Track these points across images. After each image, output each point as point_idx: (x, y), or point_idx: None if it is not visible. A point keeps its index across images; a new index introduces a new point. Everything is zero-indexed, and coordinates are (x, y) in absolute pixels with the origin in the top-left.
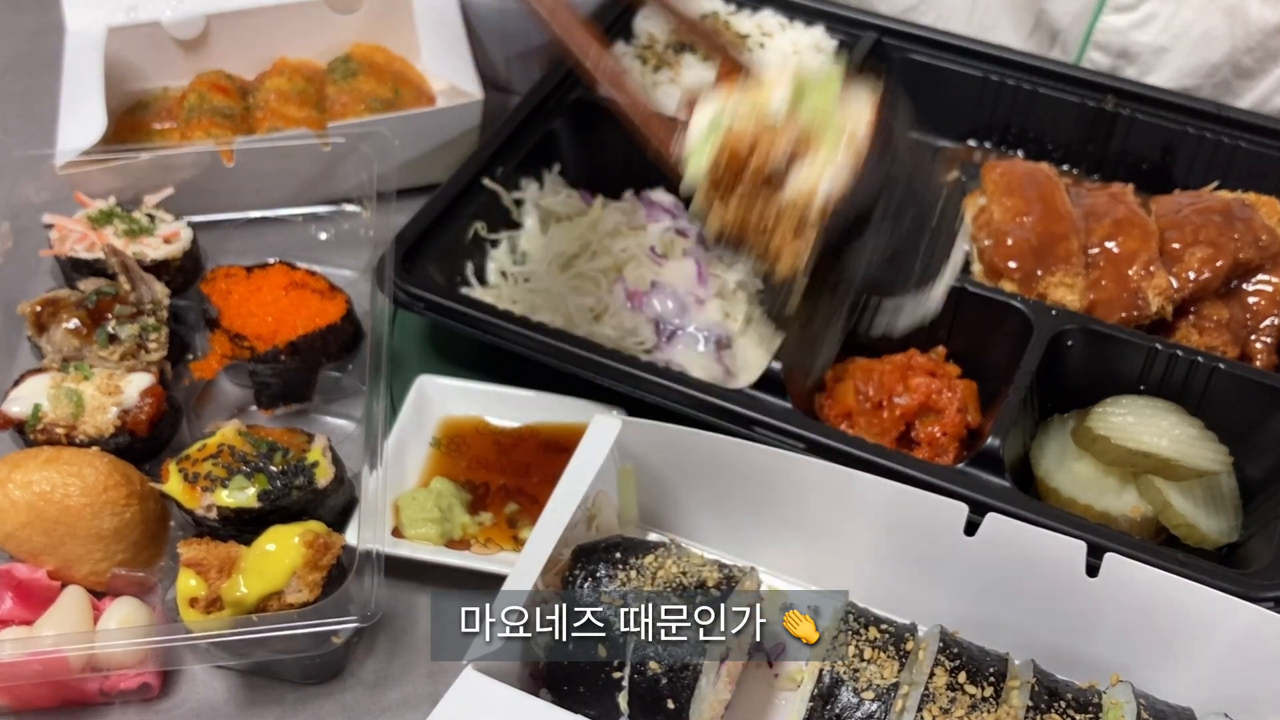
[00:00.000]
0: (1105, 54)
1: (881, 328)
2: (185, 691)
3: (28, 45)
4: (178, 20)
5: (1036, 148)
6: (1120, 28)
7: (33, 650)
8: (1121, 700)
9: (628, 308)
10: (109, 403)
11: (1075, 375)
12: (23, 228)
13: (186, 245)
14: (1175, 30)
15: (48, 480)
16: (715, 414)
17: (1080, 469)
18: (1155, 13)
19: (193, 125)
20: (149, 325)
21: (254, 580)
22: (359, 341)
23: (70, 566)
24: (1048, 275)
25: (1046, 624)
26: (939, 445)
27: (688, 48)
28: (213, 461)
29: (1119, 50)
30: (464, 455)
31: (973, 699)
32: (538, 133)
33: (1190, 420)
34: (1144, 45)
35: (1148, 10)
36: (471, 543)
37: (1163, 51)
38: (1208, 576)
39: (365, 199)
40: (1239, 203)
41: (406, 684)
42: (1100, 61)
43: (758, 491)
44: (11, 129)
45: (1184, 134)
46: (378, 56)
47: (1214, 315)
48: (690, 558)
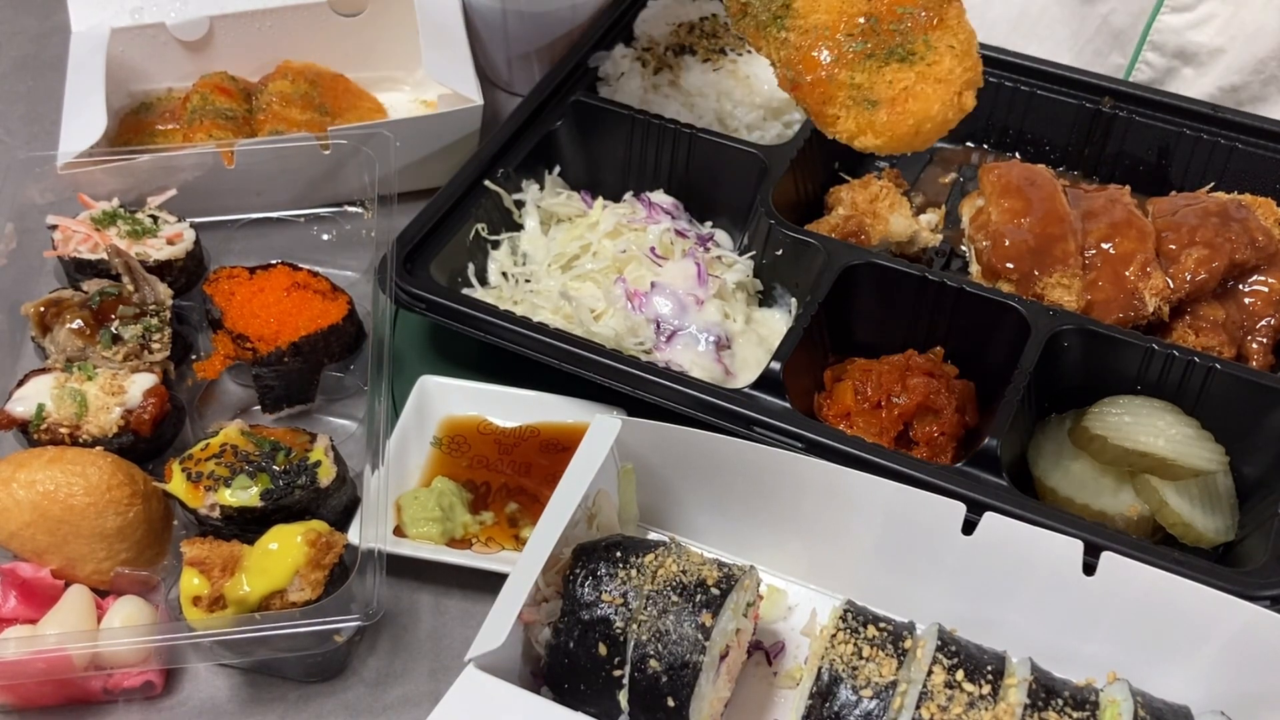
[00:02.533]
0: (1161, 54)
1: None
2: (188, 689)
3: (32, 47)
4: (182, 22)
5: (1034, 149)
6: (1177, 27)
7: (36, 649)
8: (1118, 698)
9: (628, 308)
10: (112, 403)
11: (1072, 375)
12: (27, 229)
13: (189, 246)
14: (1232, 31)
15: (51, 480)
16: (715, 414)
17: (1077, 468)
18: (1214, 13)
19: (195, 127)
20: (152, 326)
21: (257, 579)
22: (361, 342)
23: (74, 565)
24: (1045, 276)
25: (1044, 622)
26: (937, 445)
27: (688, 49)
28: (216, 461)
29: (1175, 50)
30: (465, 455)
31: (970, 696)
32: (538, 134)
33: (1187, 420)
34: (1200, 45)
35: (1206, 10)
36: (473, 542)
37: (1219, 52)
38: (1204, 575)
39: (367, 201)
40: (1235, 204)
41: (408, 682)
42: (1156, 62)
43: (757, 491)
44: (16, 130)
45: (1180, 136)
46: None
47: (1210, 316)
48: (690, 556)
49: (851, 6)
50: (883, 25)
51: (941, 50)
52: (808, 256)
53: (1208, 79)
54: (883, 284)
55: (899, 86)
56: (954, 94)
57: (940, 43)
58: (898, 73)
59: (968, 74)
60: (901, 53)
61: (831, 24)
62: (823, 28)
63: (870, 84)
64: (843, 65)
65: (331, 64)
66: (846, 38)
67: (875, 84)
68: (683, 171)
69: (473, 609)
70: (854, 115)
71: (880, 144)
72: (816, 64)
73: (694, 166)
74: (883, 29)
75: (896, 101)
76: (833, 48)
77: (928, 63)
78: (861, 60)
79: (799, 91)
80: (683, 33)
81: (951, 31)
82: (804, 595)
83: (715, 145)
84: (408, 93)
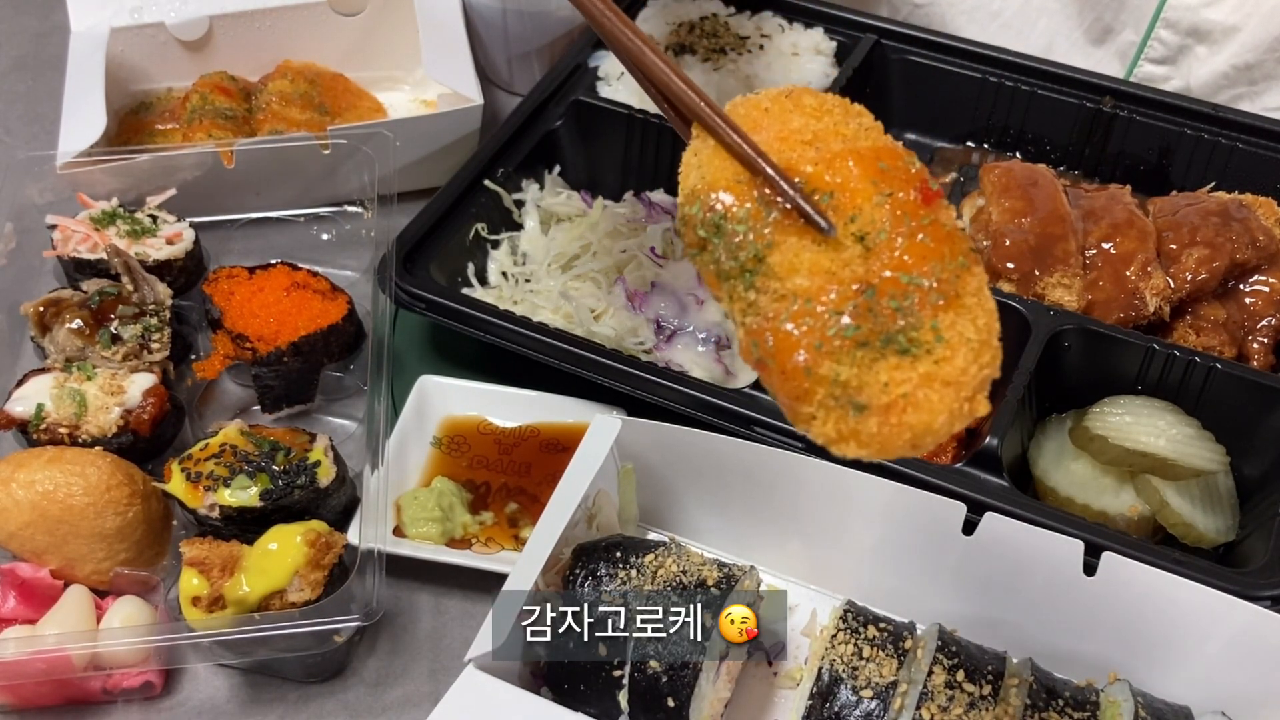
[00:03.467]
0: (1174, 31)
1: None
2: (188, 690)
3: (32, 46)
4: (181, 22)
5: (1035, 149)
6: (1191, 4)
7: (36, 649)
8: (1119, 698)
9: (628, 308)
10: (112, 403)
11: (1073, 375)
12: (26, 228)
13: (189, 246)
14: (1248, 9)
15: (51, 480)
16: (715, 414)
17: (1078, 468)
18: None
19: (195, 126)
20: (152, 325)
21: (256, 579)
22: (361, 342)
23: (73, 566)
24: (1046, 276)
25: (1044, 622)
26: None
27: (687, 49)
28: (215, 461)
29: (1189, 28)
30: (465, 455)
31: (971, 697)
32: (538, 134)
33: (1187, 420)
34: (1214, 23)
35: None
36: (473, 542)
37: (1234, 30)
38: (1205, 575)
39: (367, 200)
40: (1236, 204)
41: (408, 682)
42: (1169, 40)
43: (757, 491)
44: (15, 130)
45: (1181, 135)
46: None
47: (1211, 315)
48: (690, 557)
49: (844, 269)
50: (882, 301)
51: (955, 342)
52: None
53: (1221, 57)
54: None
55: (896, 391)
56: (964, 400)
57: (953, 331)
58: (896, 370)
59: (984, 371)
60: (903, 342)
61: (816, 292)
62: (804, 297)
63: (860, 383)
64: (826, 354)
65: (331, 63)
66: (834, 316)
67: (866, 384)
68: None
69: (473, 609)
70: (835, 419)
71: (867, 455)
72: (792, 346)
73: None
74: (882, 307)
75: (892, 410)
76: (815, 328)
77: (935, 359)
78: (851, 349)
79: (766, 374)
80: (683, 32)
81: (969, 314)
82: (804, 595)
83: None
84: (407, 92)
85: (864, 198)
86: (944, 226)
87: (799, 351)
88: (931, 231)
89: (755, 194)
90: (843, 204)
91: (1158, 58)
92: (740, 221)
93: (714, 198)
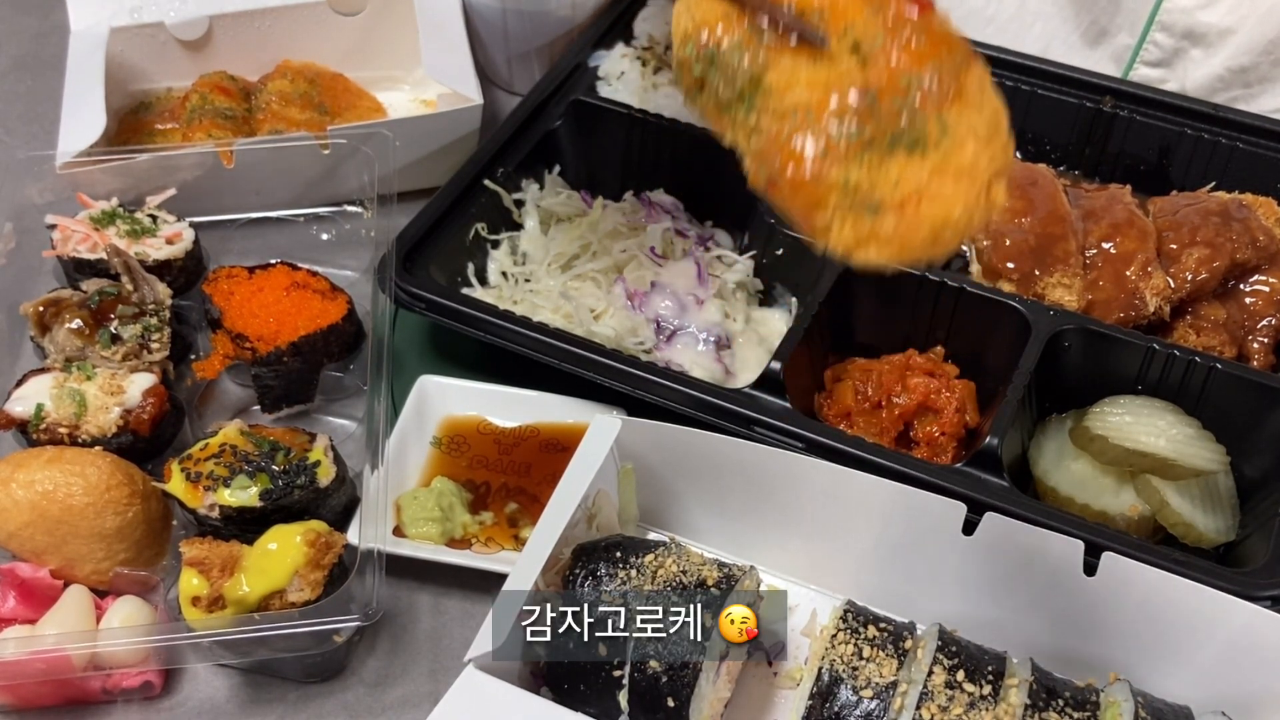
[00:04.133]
0: (1169, 35)
1: None
2: (187, 690)
3: (31, 46)
4: (181, 21)
5: (1034, 149)
6: (1186, 7)
7: (35, 649)
8: (1119, 698)
9: (628, 308)
10: (111, 402)
11: (1073, 375)
12: (25, 228)
13: (189, 246)
14: (1243, 11)
15: (50, 480)
16: (715, 414)
17: (1078, 468)
18: None
19: (195, 126)
20: (151, 325)
21: (256, 579)
22: (360, 342)
23: (73, 566)
24: (1046, 276)
25: (1044, 622)
26: (937, 445)
27: None
28: (215, 461)
29: (1184, 31)
30: (465, 455)
31: (971, 697)
32: (538, 133)
33: (1188, 420)
34: (1210, 26)
35: None
36: (472, 542)
37: (1229, 33)
38: (1205, 575)
39: (367, 200)
40: (1236, 203)
41: (408, 682)
42: (1164, 43)
43: (757, 491)
44: (14, 130)
45: (1181, 135)
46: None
47: (1211, 315)
48: (690, 557)
49: (842, 78)
50: (884, 102)
51: (961, 134)
52: (808, 256)
53: (1217, 60)
54: (883, 283)
55: (909, 186)
56: (980, 189)
57: (959, 123)
58: (905, 167)
59: (995, 162)
60: (910, 139)
61: (816, 103)
62: (805, 109)
63: (871, 183)
64: (833, 159)
65: (331, 63)
66: (837, 121)
67: (878, 183)
68: (683, 171)
69: (472, 609)
70: (852, 224)
71: (888, 257)
72: (798, 158)
73: (694, 166)
74: (884, 108)
75: (907, 205)
76: (819, 136)
77: (944, 152)
78: (858, 152)
79: (777, 193)
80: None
81: (973, 106)
82: (804, 595)
83: (715, 143)
84: (407, 92)
85: (855, 12)
86: (938, 30)
87: (806, 160)
88: (926, 35)
89: (746, 23)
90: (835, 21)
91: (1153, 61)
92: (734, 49)
93: (706, 34)
